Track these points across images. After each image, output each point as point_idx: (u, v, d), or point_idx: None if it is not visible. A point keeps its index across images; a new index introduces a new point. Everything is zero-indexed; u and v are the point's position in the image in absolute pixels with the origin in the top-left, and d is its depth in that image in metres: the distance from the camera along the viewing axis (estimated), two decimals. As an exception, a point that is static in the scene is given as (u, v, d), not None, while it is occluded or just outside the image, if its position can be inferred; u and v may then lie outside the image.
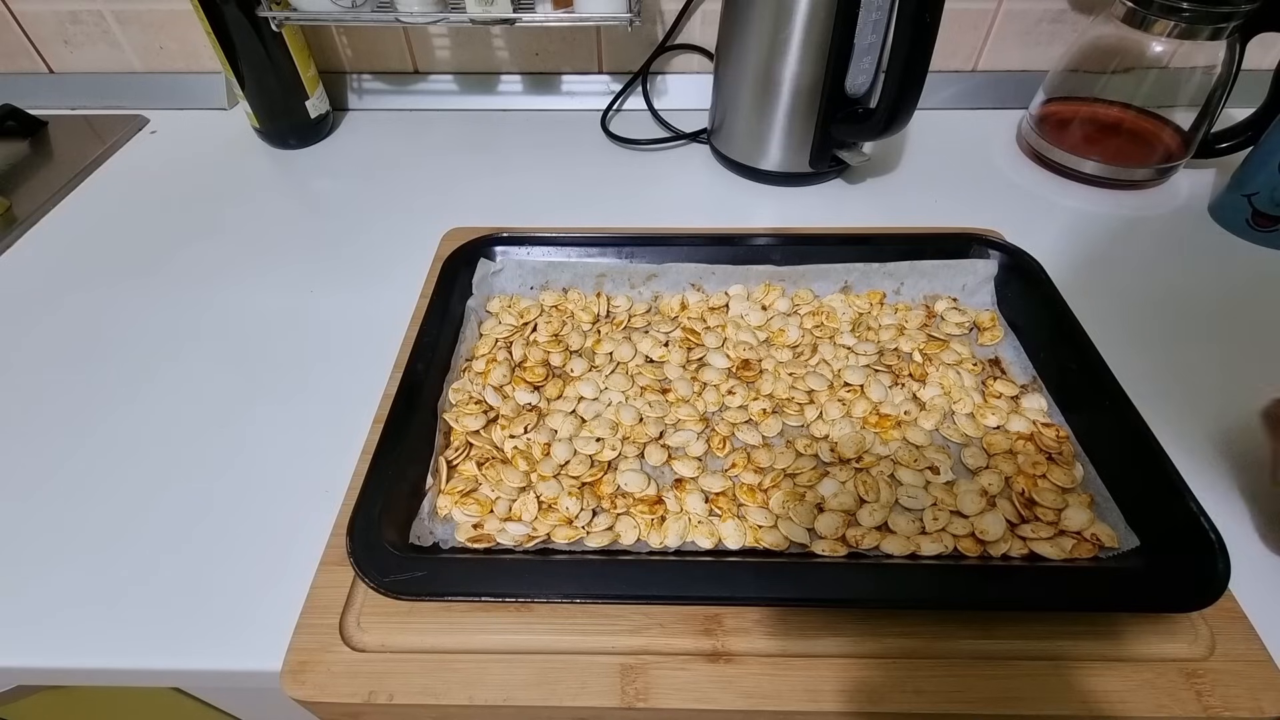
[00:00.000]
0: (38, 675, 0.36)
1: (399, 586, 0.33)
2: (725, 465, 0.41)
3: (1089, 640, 0.33)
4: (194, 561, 0.38)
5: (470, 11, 0.60)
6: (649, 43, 0.73)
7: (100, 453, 0.43)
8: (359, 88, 0.77)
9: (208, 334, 0.51)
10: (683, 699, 0.32)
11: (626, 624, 0.34)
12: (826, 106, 0.58)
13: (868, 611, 0.34)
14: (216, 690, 0.45)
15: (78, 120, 0.74)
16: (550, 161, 0.69)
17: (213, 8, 0.61)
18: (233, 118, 0.75)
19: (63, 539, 0.39)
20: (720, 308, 0.50)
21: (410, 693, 0.32)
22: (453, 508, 0.38)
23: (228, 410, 0.46)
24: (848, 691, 0.32)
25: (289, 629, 0.34)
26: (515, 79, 0.77)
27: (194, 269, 0.57)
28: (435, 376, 0.44)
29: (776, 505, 0.38)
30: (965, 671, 0.32)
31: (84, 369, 0.48)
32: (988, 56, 0.74)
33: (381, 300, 0.52)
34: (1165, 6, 0.55)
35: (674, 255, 0.51)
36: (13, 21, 0.74)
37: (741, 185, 0.66)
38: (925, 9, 0.48)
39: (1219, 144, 0.61)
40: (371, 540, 0.35)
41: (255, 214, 0.63)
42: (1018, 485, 0.38)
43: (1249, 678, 0.32)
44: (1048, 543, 0.36)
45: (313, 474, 0.41)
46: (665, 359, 0.47)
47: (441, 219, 0.57)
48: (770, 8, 0.55)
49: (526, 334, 0.48)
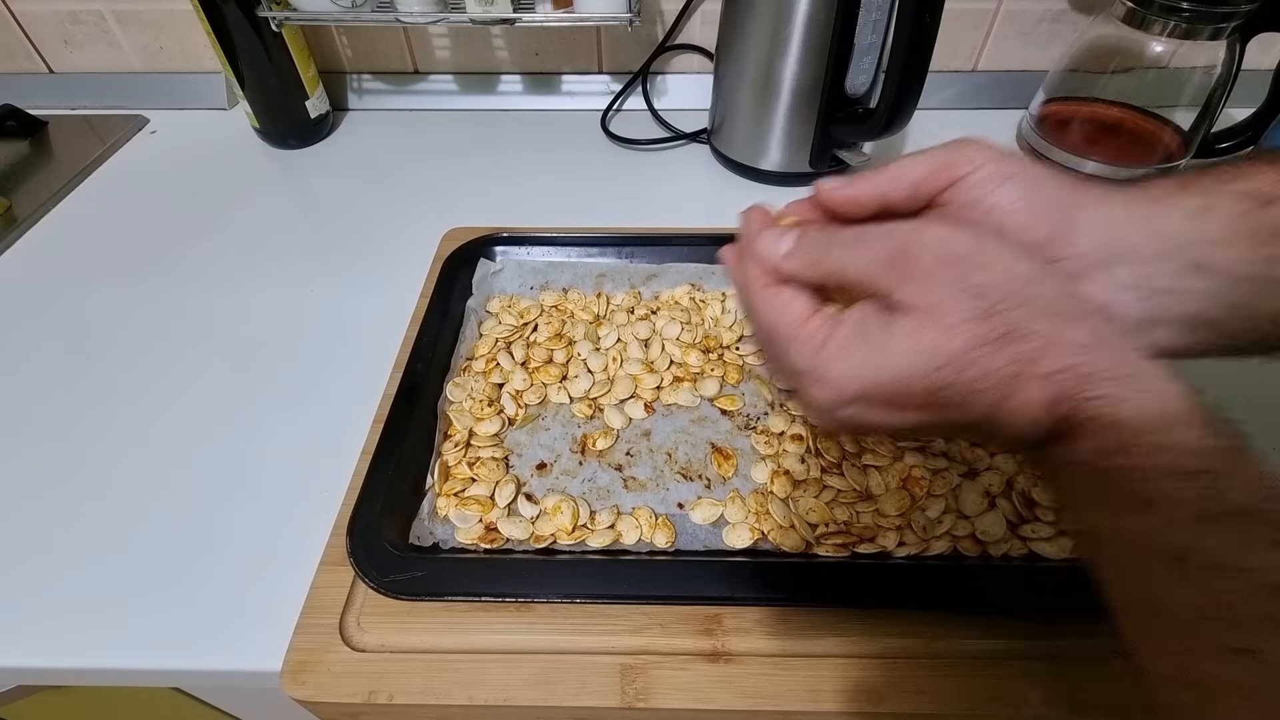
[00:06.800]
0: (38, 675, 0.36)
1: (399, 586, 0.33)
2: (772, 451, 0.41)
3: (1089, 640, 0.33)
4: (194, 561, 0.38)
5: (470, 11, 0.60)
6: (649, 43, 0.73)
7: (99, 453, 0.43)
8: (359, 88, 0.77)
9: (208, 334, 0.51)
10: (683, 699, 0.32)
11: (626, 624, 0.34)
12: (826, 106, 0.58)
13: (868, 611, 0.34)
14: (216, 690, 0.45)
15: (78, 120, 0.74)
16: (550, 161, 0.69)
17: (213, 8, 0.61)
18: (233, 118, 0.75)
19: (62, 539, 0.39)
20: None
21: (410, 693, 0.32)
22: (451, 509, 0.38)
23: (228, 410, 0.46)
24: (848, 691, 0.32)
25: (289, 629, 0.34)
26: (515, 79, 0.77)
27: (194, 269, 0.57)
28: (435, 376, 0.44)
29: (803, 507, 0.38)
30: (965, 671, 0.32)
31: (84, 369, 0.48)
32: (988, 56, 0.74)
33: (381, 300, 0.52)
34: (1165, 6, 0.55)
35: (674, 255, 0.52)
36: (13, 21, 0.73)
37: (741, 185, 0.66)
38: (925, 9, 0.48)
39: (1219, 144, 0.61)
40: (371, 540, 0.35)
41: (255, 214, 0.63)
42: (1018, 485, 0.38)
43: (1249, 678, 0.32)
44: (1048, 543, 0.36)
45: (313, 474, 0.41)
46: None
47: (441, 219, 0.57)
48: (770, 8, 0.55)
49: (527, 334, 0.48)
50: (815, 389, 0.24)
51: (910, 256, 0.22)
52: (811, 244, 0.25)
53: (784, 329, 0.25)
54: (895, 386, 0.22)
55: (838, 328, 0.24)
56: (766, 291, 0.25)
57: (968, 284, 0.22)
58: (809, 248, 0.25)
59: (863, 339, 0.23)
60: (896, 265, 0.23)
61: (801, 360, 0.24)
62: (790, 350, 0.24)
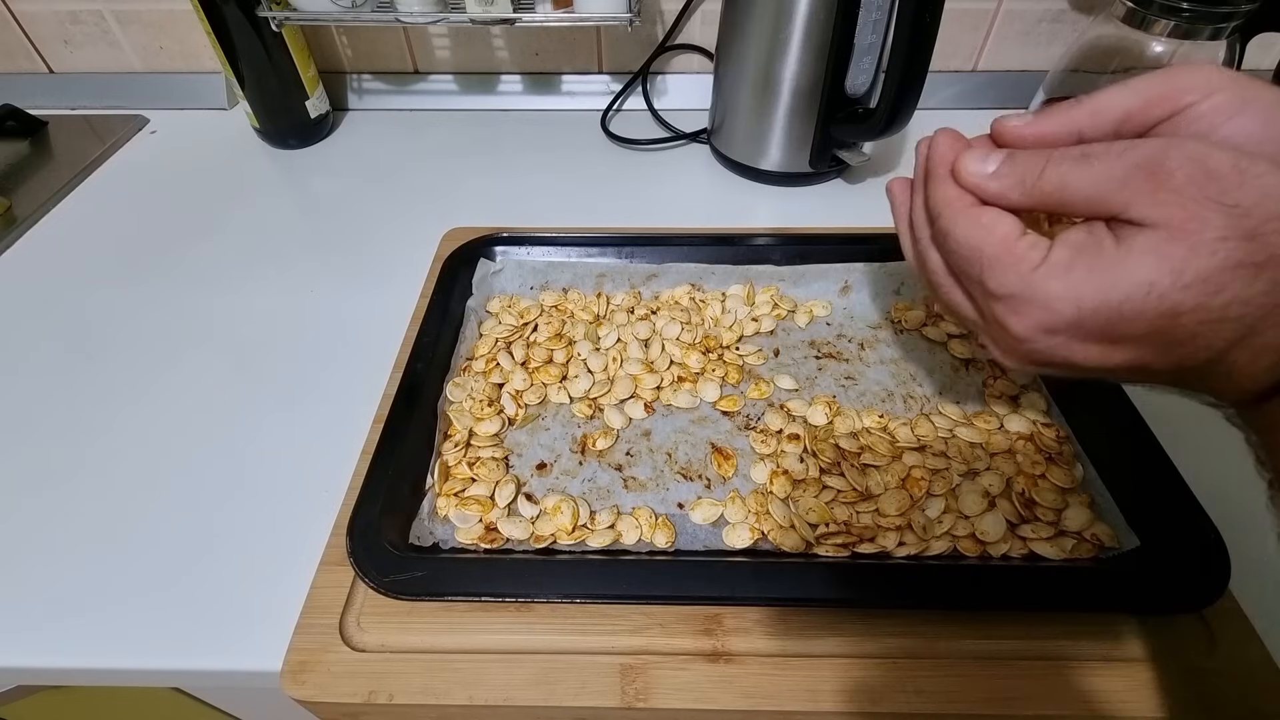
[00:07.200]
0: (38, 675, 0.36)
1: (399, 586, 0.33)
2: (770, 450, 0.41)
3: (1089, 640, 0.33)
4: (194, 561, 0.38)
5: (470, 11, 0.60)
6: (649, 43, 0.73)
7: (99, 453, 0.43)
8: (359, 88, 0.77)
9: (208, 334, 0.51)
10: (683, 699, 0.32)
11: (626, 624, 0.34)
12: (826, 106, 0.58)
13: (868, 611, 0.34)
14: (216, 690, 0.45)
15: (78, 120, 0.74)
16: (550, 161, 0.69)
17: (213, 8, 0.61)
18: (233, 118, 0.75)
19: (62, 539, 0.39)
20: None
21: (410, 693, 0.32)
22: (451, 509, 0.38)
23: (228, 410, 0.46)
24: (848, 691, 0.32)
25: (289, 629, 0.34)
26: (515, 79, 0.77)
27: (194, 269, 0.57)
28: (435, 376, 0.44)
29: (803, 506, 0.38)
30: (965, 671, 0.32)
31: (84, 369, 0.48)
32: (988, 56, 0.74)
33: (381, 300, 0.52)
34: (1165, 6, 0.55)
35: (674, 255, 0.52)
36: (13, 21, 0.74)
37: (741, 185, 0.66)
38: (925, 9, 0.48)
39: (1219, 144, 0.61)
40: (371, 540, 0.35)
41: (255, 214, 0.63)
42: (1018, 485, 0.38)
43: (1249, 677, 0.32)
44: (1048, 543, 0.36)
45: (313, 474, 0.41)
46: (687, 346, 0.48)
47: (442, 219, 0.57)
48: (770, 8, 0.55)
49: (527, 334, 0.48)
50: (1017, 316, 0.22)
51: (1160, 171, 0.20)
52: (1024, 161, 0.23)
53: (991, 248, 0.22)
54: (1120, 310, 0.20)
55: (1057, 248, 0.21)
56: (970, 211, 0.23)
57: (1229, 199, 0.19)
58: (1020, 165, 0.23)
59: (1090, 256, 0.20)
60: (1138, 180, 0.20)
61: (1009, 281, 0.22)
62: (994, 272, 0.22)
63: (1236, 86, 0.22)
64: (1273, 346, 0.19)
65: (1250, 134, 0.21)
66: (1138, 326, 0.20)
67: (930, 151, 0.26)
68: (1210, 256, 0.19)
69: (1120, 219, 0.20)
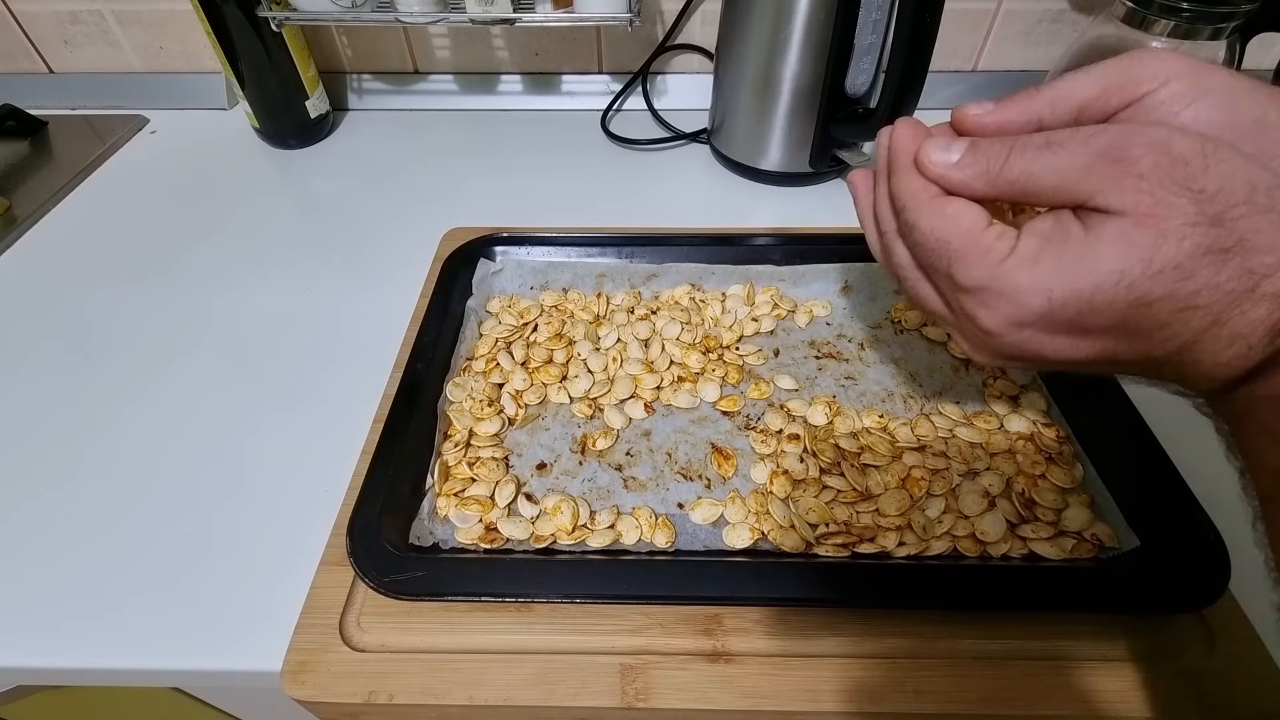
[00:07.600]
0: (38, 675, 0.36)
1: (399, 586, 0.33)
2: (771, 450, 0.41)
3: (1089, 640, 0.33)
4: (194, 561, 0.38)
5: (470, 11, 0.60)
6: (649, 43, 0.73)
7: (99, 453, 0.43)
8: (359, 88, 0.77)
9: (207, 334, 0.51)
10: (683, 699, 0.32)
11: (626, 624, 0.34)
12: (826, 106, 0.58)
13: (868, 611, 0.34)
14: (216, 690, 0.45)
15: (78, 120, 0.74)
16: (550, 161, 0.69)
17: (213, 8, 0.61)
18: (233, 118, 0.75)
19: (62, 539, 0.39)
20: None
21: (410, 693, 0.32)
22: (451, 509, 0.38)
23: (228, 410, 0.46)
24: (848, 691, 0.32)
25: (289, 629, 0.34)
26: (515, 79, 0.77)
27: (194, 269, 0.57)
28: (435, 376, 0.44)
29: (803, 506, 0.38)
30: (965, 671, 0.32)
31: (84, 369, 0.48)
32: (988, 56, 0.74)
33: (381, 300, 0.52)
34: (1165, 6, 0.55)
35: (674, 255, 0.52)
36: (13, 21, 0.74)
37: (741, 185, 0.66)
38: (925, 9, 0.48)
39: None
40: (371, 540, 0.35)
41: (255, 214, 0.63)
42: (1018, 485, 0.38)
43: (1249, 678, 0.32)
44: (1048, 543, 0.36)
45: (313, 474, 0.41)
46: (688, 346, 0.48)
47: (441, 219, 0.57)
48: (770, 8, 0.55)
49: (527, 334, 0.48)
50: (987, 309, 0.21)
51: (1124, 157, 0.19)
52: (987, 150, 0.22)
53: (956, 240, 0.22)
54: (1090, 300, 0.20)
55: (1025, 237, 0.21)
56: (934, 202, 0.23)
57: (1195, 185, 0.19)
58: (984, 154, 0.22)
59: (1058, 245, 0.20)
60: (1103, 167, 0.20)
61: (976, 274, 0.21)
62: (961, 265, 0.22)
63: (1193, 74, 0.22)
64: (1240, 334, 0.19)
65: (1209, 120, 0.21)
66: (1107, 317, 0.20)
67: (892, 142, 0.25)
68: (1179, 243, 0.19)
69: (1087, 206, 0.20)
